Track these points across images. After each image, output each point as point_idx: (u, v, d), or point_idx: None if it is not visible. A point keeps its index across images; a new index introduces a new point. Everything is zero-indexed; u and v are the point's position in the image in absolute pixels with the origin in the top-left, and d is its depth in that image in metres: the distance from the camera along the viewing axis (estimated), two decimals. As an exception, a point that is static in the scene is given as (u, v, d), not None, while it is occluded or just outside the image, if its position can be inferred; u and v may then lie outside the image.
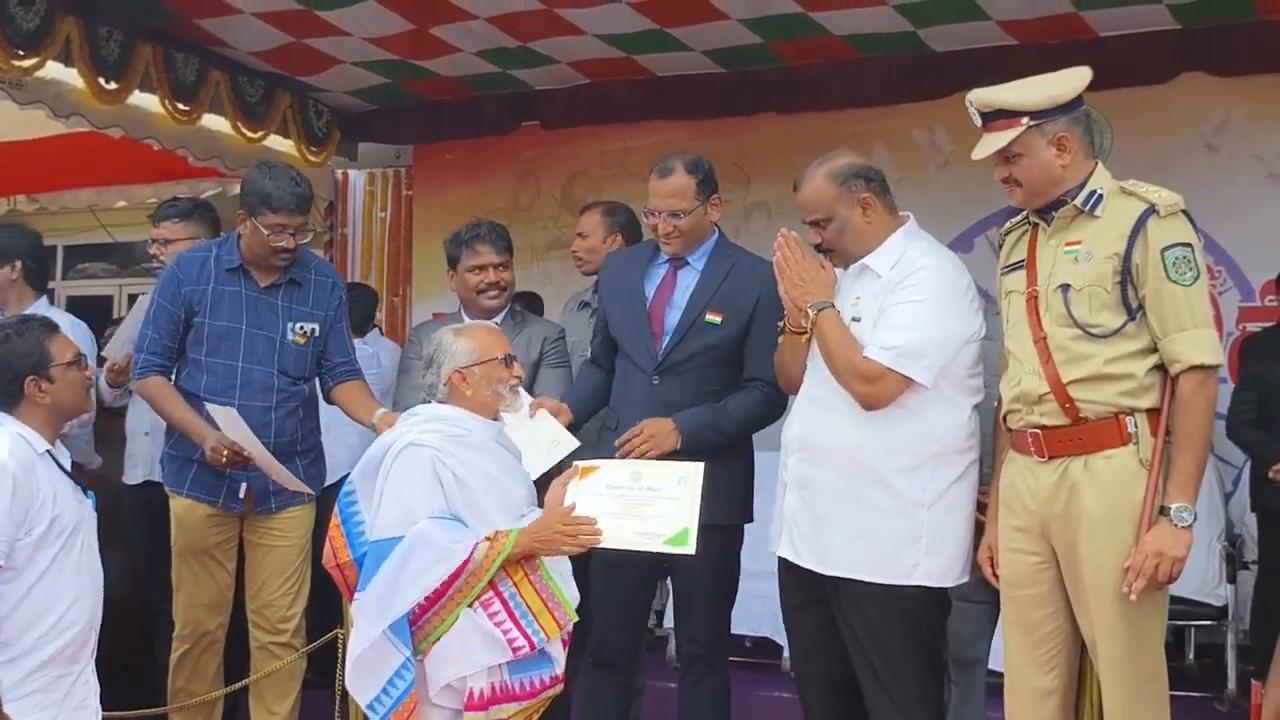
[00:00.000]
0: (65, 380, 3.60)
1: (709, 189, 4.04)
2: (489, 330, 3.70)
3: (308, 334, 4.37)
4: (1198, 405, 3.10)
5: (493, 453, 3.54)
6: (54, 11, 5.44)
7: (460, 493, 3.39)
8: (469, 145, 7.63)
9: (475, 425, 3.52)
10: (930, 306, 3.42)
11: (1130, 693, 3.16)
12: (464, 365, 3.53)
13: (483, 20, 6.02)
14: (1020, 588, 3.33)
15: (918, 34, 6.10)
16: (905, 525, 3.42)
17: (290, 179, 4.26)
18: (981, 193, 5.56)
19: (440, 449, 3.39)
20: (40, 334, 3.61)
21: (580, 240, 4.80)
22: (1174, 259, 3.12)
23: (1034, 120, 3.22)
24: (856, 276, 3.58)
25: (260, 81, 6.74)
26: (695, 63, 6.62)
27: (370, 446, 3.58)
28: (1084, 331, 3.18)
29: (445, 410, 3.55)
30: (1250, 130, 6.30)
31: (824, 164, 3.60)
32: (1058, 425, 3.21)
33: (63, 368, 3.59)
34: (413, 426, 3.50)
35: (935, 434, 3.43)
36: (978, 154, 3.32)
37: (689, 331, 3.99)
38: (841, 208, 3.54)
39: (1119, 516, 3.13)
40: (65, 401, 3.62)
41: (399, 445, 3.42)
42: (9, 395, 3.55)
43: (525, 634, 3.29)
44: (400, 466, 3.39)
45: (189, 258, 4.39)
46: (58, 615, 3.47)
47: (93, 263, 10.65)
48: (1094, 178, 3.26)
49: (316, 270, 4.48)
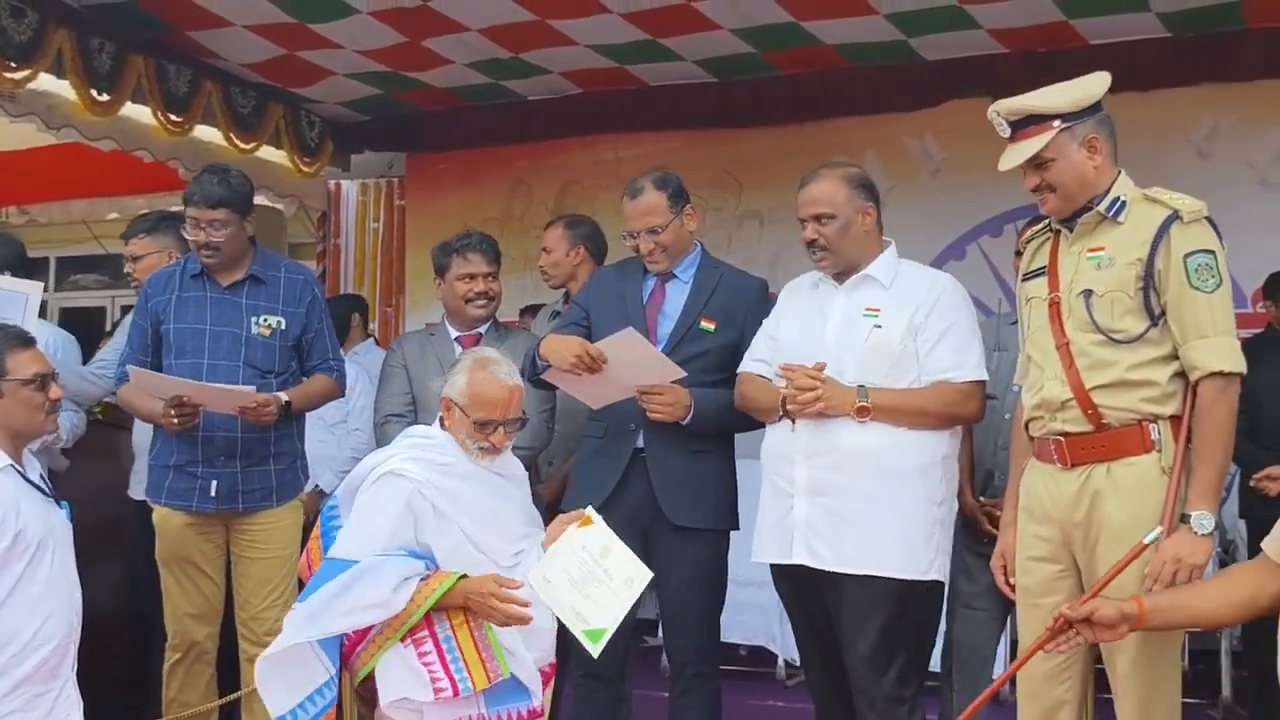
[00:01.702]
0: (16, 397, 3.45)
1: (680, 200, 4.09)
2: (500, 386, 3.45)
3: (273, 327, 4.37)
4: (1218, 413, 3.10)
5: (484, 482, 3.47)
6: (46, 24, 5.44)
7: (439, 526, 3.34)
8: (462, 155, 7.64)
9: (464, 457, 3.45)
10: (967, 316, 3.64)
11: (1143, 701, 3.15)
12: (452, 398, 3.47)
13: (475, 31, 6.03)
14: (1038, 596, 3.32)
15: (909, 43, 6.11)
16: (924, 523, 3.55)
17: (214, 176, 4.30)
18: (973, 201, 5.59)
19: (423, 481, 3.34)
20: (1, 345, 3.50)
21: (545, 255, 4.90)
22: (1196, 265, 3.12)
23: (1065, 123, 3.22)
24: (856, 287, 3.68)
25: (252, 93, 6.74)
26: (687, 72, 6.64)
27: (360, 462, 3.55)
28: (1107, 337, 3.18)
29: (437, 435, 3.50)
30: (1241, 137, 6.32)
31: (839, 168, 3.76)
32: (1081, 432, 3.21)
33: (17, 384, 3.45)
34: (401, 450, 3.45)
35: (945, 437, 3.60)
36: (1005, 164, 3.30)
37: (684, 338, 4.02)
38: (849, 210, 3.67)
39: (1141, 524, 3.11)
40: (15, 419, 3.46)
41: (380, 470, 3.38)
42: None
43: (452, 679, 3.23)
44: (374, 492, 3.36)
45: (159, 273, 4.48)
46: (31, 632, 3.35)
47: (85, 274, 10.65)
48: (1118, 184, 3.26)
49: (286, 269, 4.51)
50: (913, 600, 3.54)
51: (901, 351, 3.57)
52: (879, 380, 3.56)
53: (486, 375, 3.46)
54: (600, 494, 3.93)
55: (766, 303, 4.11)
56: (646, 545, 3.94)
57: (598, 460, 4.07)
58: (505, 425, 3.45)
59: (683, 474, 3.93)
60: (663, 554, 3.92)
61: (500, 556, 3.41)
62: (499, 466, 3.53)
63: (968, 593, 4.09)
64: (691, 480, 3.96)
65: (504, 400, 3.45)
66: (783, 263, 6.49)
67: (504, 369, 3.49)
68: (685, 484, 3.95)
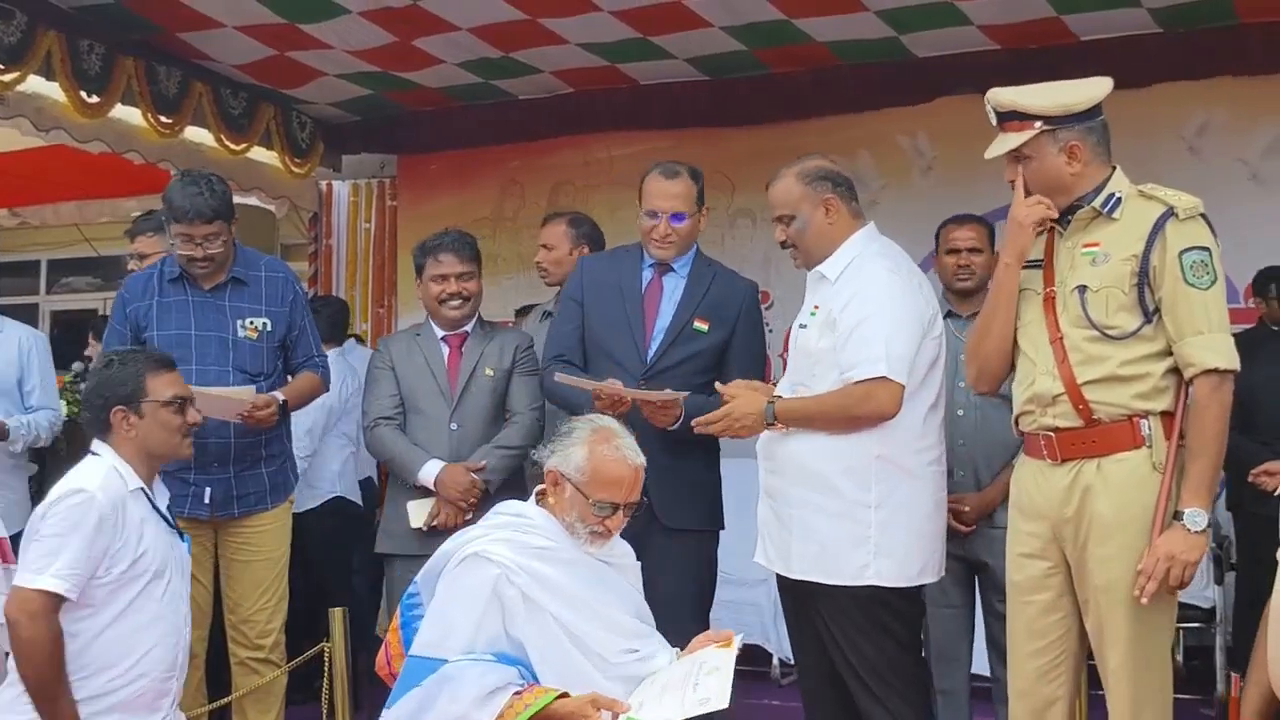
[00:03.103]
0: (155, 419, 3.42)
1: (703, 201, 4.12)
2: (626, 466, 3.11)
3: (258, 328, 4.34)
4: (1212, 410, 3.10)
5: (588, 569, 3.13)
6: (35, 25, 5.42)
7: (530, 617, 3.00)
8: (453, 155, 7.63)
9: (565, 539, 3.11)
10: (890, 309, 3.48)
11: (1135, 697, 3.15)
12: (565, 474, 3.12)
13: (465, 31, 6.02)
14: (1029, 593, 3.32)
15: (900, 40, 6.10)
16: (851, 527, 3.47)
17: (198, 188, 4.20)
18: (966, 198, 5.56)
19: (510, 566, 3.01)
20: (142, 366, 3.46)
21: (545, 252, 4.83)
22: (1191, 262, 3.12)
23: (1047, 125, 3.23)
24: (815, 285, 3.66)
25: (243, 94, 6.72)
26: (679, 70, 6.63)
27: (444, 543, 3.21)
28: (1100, 333, 3.18)
29: (534, 513, 3.17)
30: (1232, 133, 6.32)
31: (796, 165, 3.71)
32: (1071, 427, 3.21)
33: (155, 405, 3.42)
34: (488, 530, 3.13)
35: (876, 435, 3.47)
36: (990, 153, 3.33)
37: (677, 339, 4.01)
38: (806, 206, 3.63)
39: (1131, 520, 3.12)
40: (152, 440, 3.42)
41: (463, 553, 3.06)
42: (100, 423, 3.42)
43: None
44: (455, 578, 3.04)
45: (135, 278, 4.43)
46: (134, 660, 3.30)
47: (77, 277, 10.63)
48: (1112, 181, 3.27)
49: (266, 267, 4.46)
50: (867, 603, 3.47)
51: (819, 350, 3.53)
52: (805, 381, 3.55)
53: (611, 451, 3.12)
54: None
55: (757, 305, 4.12)
56: (637, 548, 3.93)
57: None
58: (625, 509, 3.12)
59: (671, 476, 3.91)
60: (653, 556, 3.90)
61: (607, 652, 3.06)
62: (606, 552, 3.20)
63: (935, 593, 4.08)
64: (680, 482, 3.95)
65: (630, 481, 3.12)
66: (775, 262, 6.49)
67: (629, 444, 3.16)
68: (674, 486, 3.93)
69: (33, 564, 3.21)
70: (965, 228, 4.47)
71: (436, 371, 4.46)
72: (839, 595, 3.47)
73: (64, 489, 3.28)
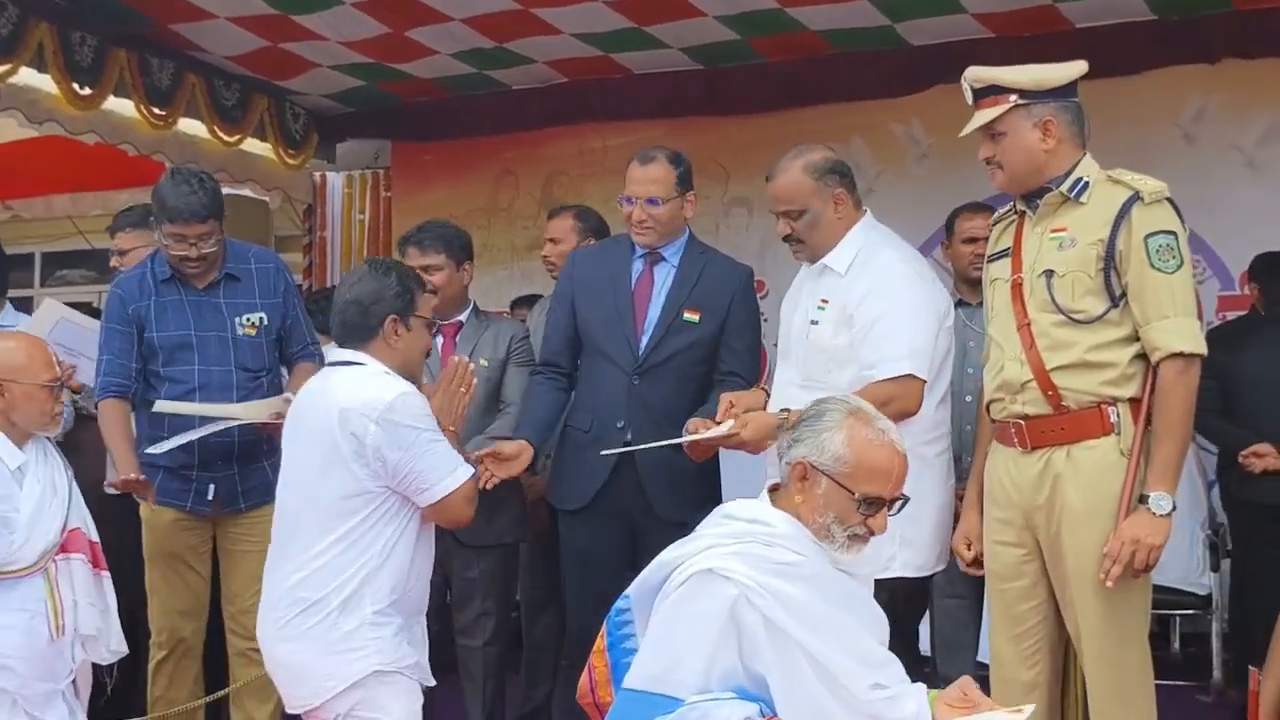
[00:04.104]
0: (418, 335, 3.35)
1: (686, 185, 4.05)
2: (893, 450, 2.67)
3: (256, 324, 4.31)
4: (1178, 394, 3.11)
5: (834, 584, 2.65)
6: (27, 17, 5.41)
7: (772, 645, 2.51)
8: (447, 146, 7.61)
9: (812, 550, 2.63)
10: (906, 302, 3.47)
11: (1115, 684, 3.17)
12: (818, 464, 2.65)
13: (459, 21, 6.00)
14: (1005, 580, 3.34)
15: (894, 28, 6.09)
16: None
17: (189, 186, 4.13)
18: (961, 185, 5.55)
19: (752, 586, 2.52)
20: (415, 283, 3.40)
21: (552, 245, 4.80)
22: (1157, 246, 3.12)
23: (1022, 99, 3.23)
24: (818, 276, 3.63)
25: (236, 85, 6.71)
26: (673, 60, 6.61)
27: (662, 553, 2.74)
28: (1067, 317, 3.19)
29: (775, 519, 2.67)
30: (1228, 120, 6.30)
31: (800, 157, 3.65)
32: (1040, 414, 3.21)
33: (420, 321, 3.36)
34: (719, 539, 2.65)
35: (900, 429, 3.42)
36: (965, 130, 3.33)
37: (669, 329, 3.99)
38: (816, 201, 3.60)
39: (1101, 508, 3.14)
40: (410, 356, 3.35)
41: (692, 567, 2.58)
42: (364, 329, 3.30)
43: None
44: (684, 598, 2.56)
45: (127, 277, 4.37)
46: None
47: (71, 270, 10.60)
48: (1081, 166, 3.27)
49: (256, 259, 4.42)
50: (883, 596, 3.44)
51: (835, 347, 3.50)
52: (819, 378, 3.51)
53: (875, 435, 2.67)
54: (589, 489, 3.91)
55: (752, 291, 4.09)
56: (636, 540, 3.94)
57: (584, 455, 4.04)
58: (890, 505, 2.68)
59: (668, 467, 3.90)
60: (653, 548, 3.89)
61: (856, 687, 2.55)
62: (850, 564, 2.72)
63: (943, 582, 4.08)
64: (678, 474, 3.93)
65: (899, 470, 2.68)
66: (771, 251, 6.48)
67: (890, 425, 2.72)
68: (672, 478, 3.93)
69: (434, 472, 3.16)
70: (981, 216, 4.45)
71: (430, 361, 4.44)
72: None
73: (385, 398, 3.16)
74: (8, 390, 3.33)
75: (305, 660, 3.14)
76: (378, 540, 3.14)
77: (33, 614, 3.29)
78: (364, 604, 3.12)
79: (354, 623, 3.11)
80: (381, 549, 3.14)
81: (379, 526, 3.15)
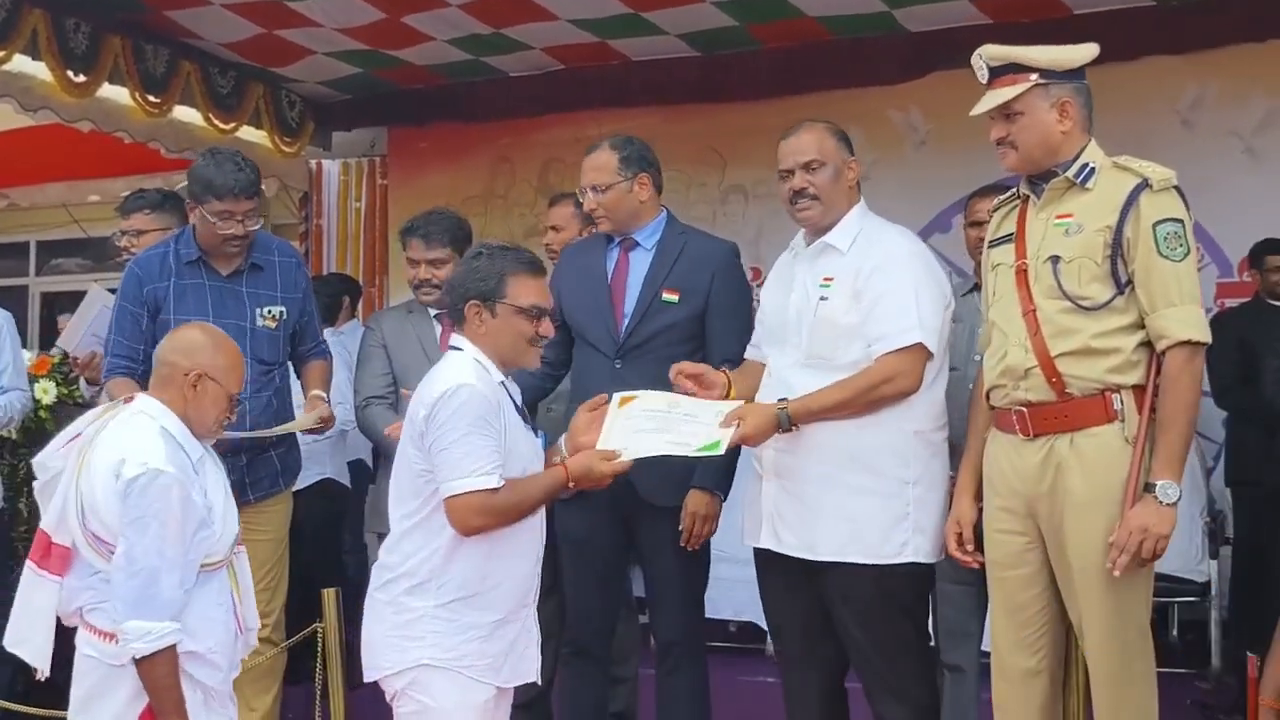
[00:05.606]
0: (508, 322, 3.25)
1: (635, 166, 3.98)
2: None
3: (276, 317, 4.28)
4: (1184, 382, 3.09)
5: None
6: (20, 4, 5.40)
7: None
8: (443, 133, 7.59)
9: None
10: (913, 279, 3.45)
11: (1116, 672, 3.16)
12: None
13: (455, 7, 5.99)
14: (1007, 568, 3.32)
15: (892, 14, 6.08)
16: (892, 505, 3.43)
17: (234, 164, 4.13)
18: (958, 172, 5.55)
19: None
20: (508, 265, 3.27)
21: (554, 233, 4.76)
22: (1165, 234, 3.11)
23: (1042, 79, 3.21)
24: (818, 255, 3.59)
25: (232, 72, 6.69)
26: (670, 46, 6.59)
27: None
28: (1073, 304, 3.17)
29: None
30: (1226, 106, 6.30)
31: (822, 121, 3.66)
32: (1043, 401, 3.20)
33: (509, 309, 3.23)
34: None
35: (913, 411, 3.44)
36: (978, 110, 3.28)
37: (647, 311, 3.95)
38: (838, 159, 3.57)
39: (1105, 495, 3.12)
40: (501, 342, 3.25)
41: None
42: (456, 314, 3.28)
43: None
44: None
45: (147, 256, 4.29)
46: None
47: (67, 258, 10.58)
48: (1087, 151, 3.25)
49: (279, 251, 4.40)
50: (895, 583, 3.45)
51: (847, 324, 3.46)
52: (826, 354, 3.47)
53: None
54: None
55: (736, 267, 4.05)
56: (629, 528, 3.92)
57: None
58: None
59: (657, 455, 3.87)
60: (646, 535, 3.91)
61: None
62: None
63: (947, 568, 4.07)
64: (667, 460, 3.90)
65: None
66: (767, 237, 6.47)
67: None
68: (661, 464, 3.89)
69: (449, 469, 3.11)
70: (988, 200, 4.42)
71: (429, 350, 4.42)
72: (864, 576, 3.42)
73: (443, 387, 3.15)
74: (203, 385, 3.28)
75: (373, 637, 3.23)
76: (446, 528, 3.15)
77: (226, 607, 3.26)
78: (429, 595, 3.16)
79: (417, 612, 3.16)
80: (451, 539, 3.15)
81: (442, 514, 3.16)
